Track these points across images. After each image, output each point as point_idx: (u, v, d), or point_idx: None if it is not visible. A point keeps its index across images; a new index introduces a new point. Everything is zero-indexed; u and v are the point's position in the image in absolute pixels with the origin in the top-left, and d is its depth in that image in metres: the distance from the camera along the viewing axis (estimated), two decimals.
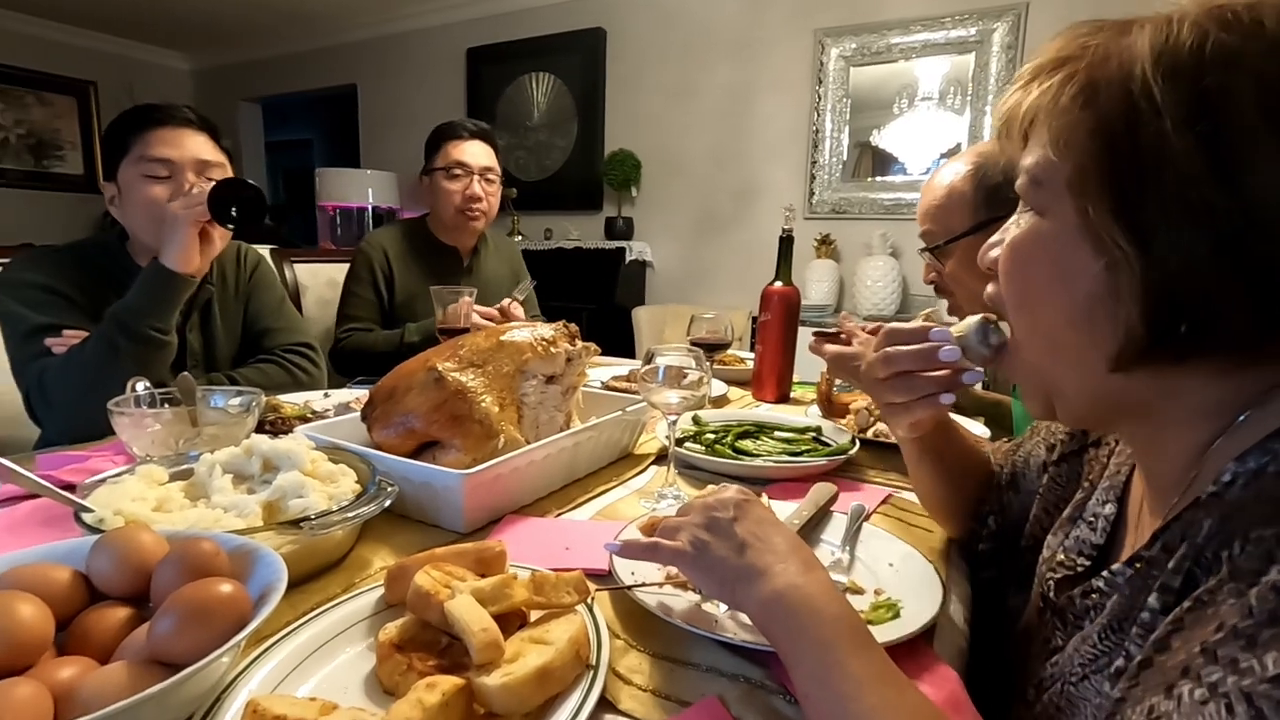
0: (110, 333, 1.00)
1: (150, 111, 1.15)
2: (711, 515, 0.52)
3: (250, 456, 0.71)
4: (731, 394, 1.45)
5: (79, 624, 0.46)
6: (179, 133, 1.15)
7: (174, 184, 1.14)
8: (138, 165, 1.13)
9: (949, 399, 0.62)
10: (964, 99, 3.01)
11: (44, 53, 4.92)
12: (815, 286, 3.19)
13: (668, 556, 0.54)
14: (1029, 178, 0.46)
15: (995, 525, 0.73)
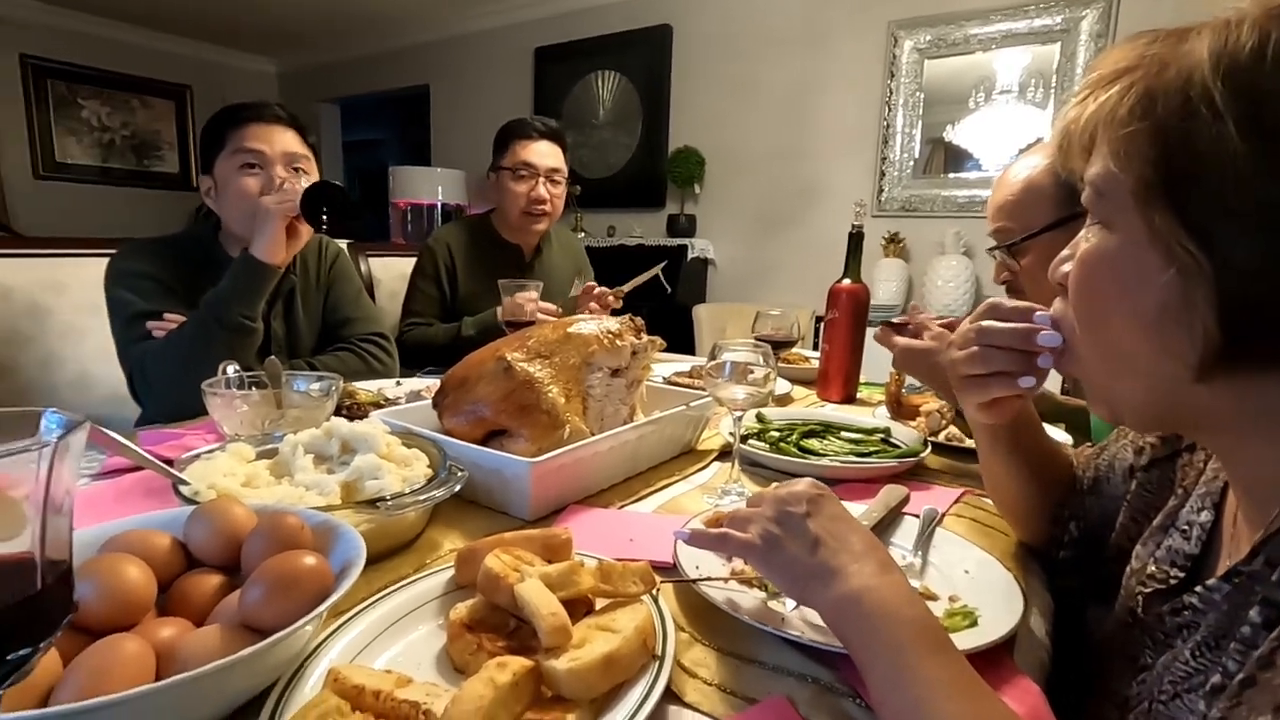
0: (204, 319, 1.06)
1: (243, 109, 1.21)
2: (784, 509, 0.51)
3: (330, 438, 0.74)
4: (795, 393, 1.42)
5: (177, 588, 0.49)
6: (270, 128, 1.21)
7: (265, 176, 1.20)
8: (232, 158, 1.20)
9: (1029, 382, 0.58)
10: (1046, 91, 2.86)
11: (146, 60, 5.27)
12: (883, 286, 3.10)
13: (737, 548, 0.53)
14: (1093, 190, 0.45)
15: (1076, 531, 0.70)
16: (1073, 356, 0.52)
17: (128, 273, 1.16)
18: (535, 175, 1.73)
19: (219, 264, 1.26)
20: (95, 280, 1.35)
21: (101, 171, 5.22)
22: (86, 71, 5.01)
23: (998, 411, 0.63)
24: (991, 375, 0.59)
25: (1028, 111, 2.93)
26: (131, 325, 1.12)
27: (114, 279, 1.16)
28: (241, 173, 1.19)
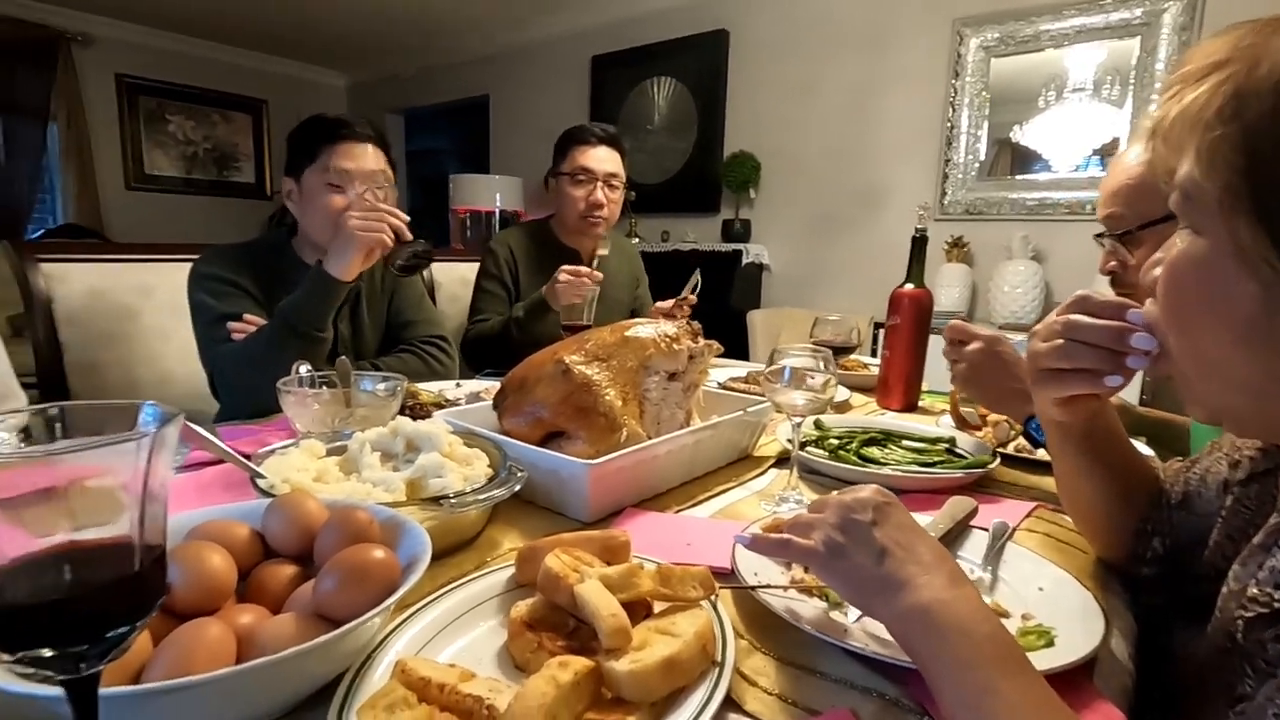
0: (278, 327, 1.11)
1: (337, 125, 1.26)
2: (848, 516, 0.50)
3: (396, 437, 0.76)
4: (854, 400, 1.39)
5: (255, 576, 0.51)
6: (359, 146, 1.26)
7: (350, 194, 1.25)
8: (322, 174, 1.24)
9: (1115, 381, 0.55)
10: (1124, 89, 2.73)
11: (227, 75, 5.57)
12: (946, 292, 3.01)
13: (799, 555, 0.52)
14: (1180, 193, 0.43)
15: (1162, 548, 0.65)
16: (1166, 359, 0.49)
17: (208, 276, 1.22)
18: (593, 180, 1.75)
19: (293, 268, 1.32)
20: (180, 284, 1.42)
21: (184, 182, 5.53)
22: (174, 88, 5.33)
23: (1074, 408, 0.60)
24: (1074, 371, 0.56)
25: (1103, 110, 2.80)
26: (212, 327, 1.18)
27: (195, 283, 1.22)
28: (328, 189, 1.24)
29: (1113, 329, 0.53)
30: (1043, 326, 0.58)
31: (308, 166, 1.25)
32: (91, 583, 0.29)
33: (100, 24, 4.85)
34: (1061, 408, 0.59)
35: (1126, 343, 0.51)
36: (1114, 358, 0.53)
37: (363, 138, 1.26)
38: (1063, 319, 0.56)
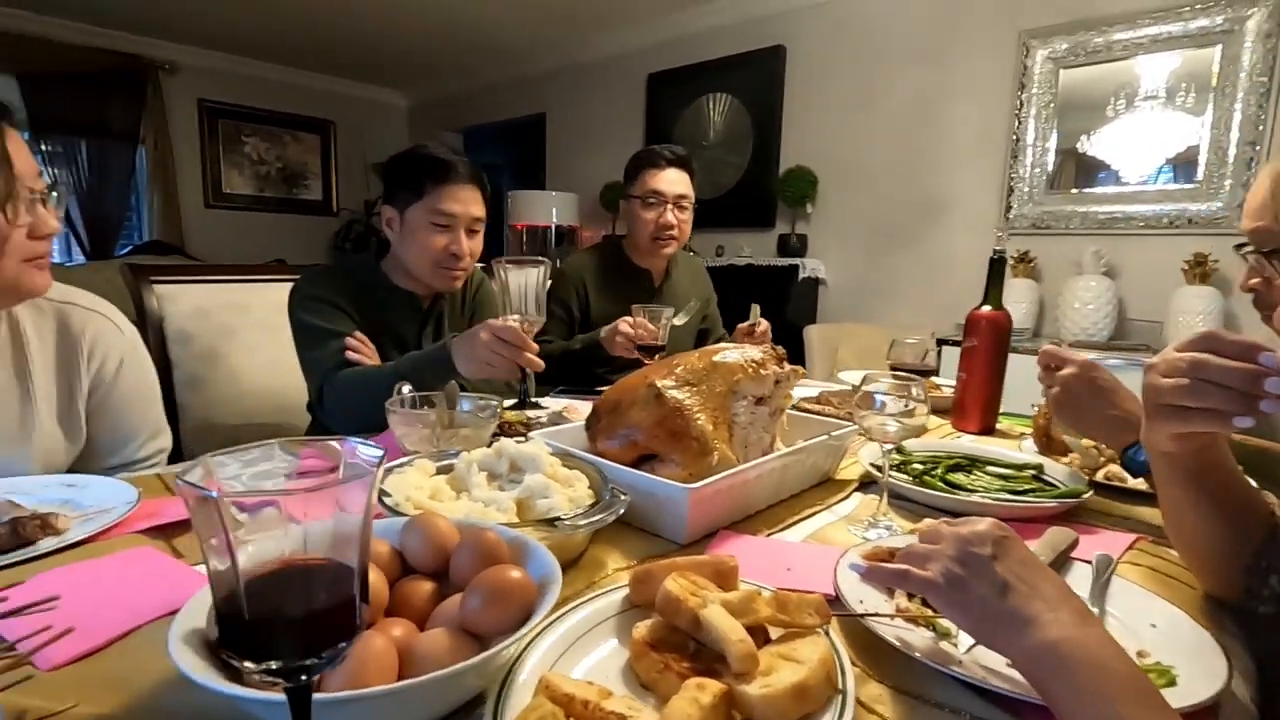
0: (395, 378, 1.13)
1: (445, 166, 1.31)
2: (967, 549, 0.51)
3: (500, 457, 0.80)
4: (929, 422, 1.38)
5: (398, 591, 0.55)
6: (463, 189, 1.32)
7: (452, 234, 1.31)
8: (428, 214, 1.30)
9: (1245, 423, 0.53)
10: (1201, 95, 2.62)
11: (297, 98, 5.85)
12: (1012, 308, 2.87)
13: (918, 585, 0.53)
14: None
15: (1279, 585, 0.64)
16: None
17: (311, 297, 1.30)
18: (663, 202, 1.79)
19: (382, 288, 1.39)
20: (272, 303, 1.52)
21: (256, 199, 5.82)
22: (249, 111, 5.63)
23: (1187, 441, 0.59)
24: (1199, 410, 0.55)
25: (1178, 118, 2.70)
26: (319, 344, 1.25)
27: (299, 304, 1.30)
28: (433, 229, 1.30)
29: (1245, 372, 0.52)
30: (1163, 361, 0.58)
31: (414, 202, 1.31)
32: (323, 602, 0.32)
33: (186, 53, 5.17)
34: (1176, 441, 0.59)
35: (1260, 386, 0.51)
36: (1245, 399, 0.52)
37: (465, 179, 1.32)
38: (1189, 357, 0.55)
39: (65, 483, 0.85)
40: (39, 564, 0.66)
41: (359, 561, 0.34)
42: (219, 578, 0.32)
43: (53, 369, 0.99)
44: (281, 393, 1.59)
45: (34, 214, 0.87)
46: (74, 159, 4.88)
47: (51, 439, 0.98)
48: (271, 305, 1.59)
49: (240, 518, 0.31)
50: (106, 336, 1.04)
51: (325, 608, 0.32)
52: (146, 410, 1.09)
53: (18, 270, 0.87)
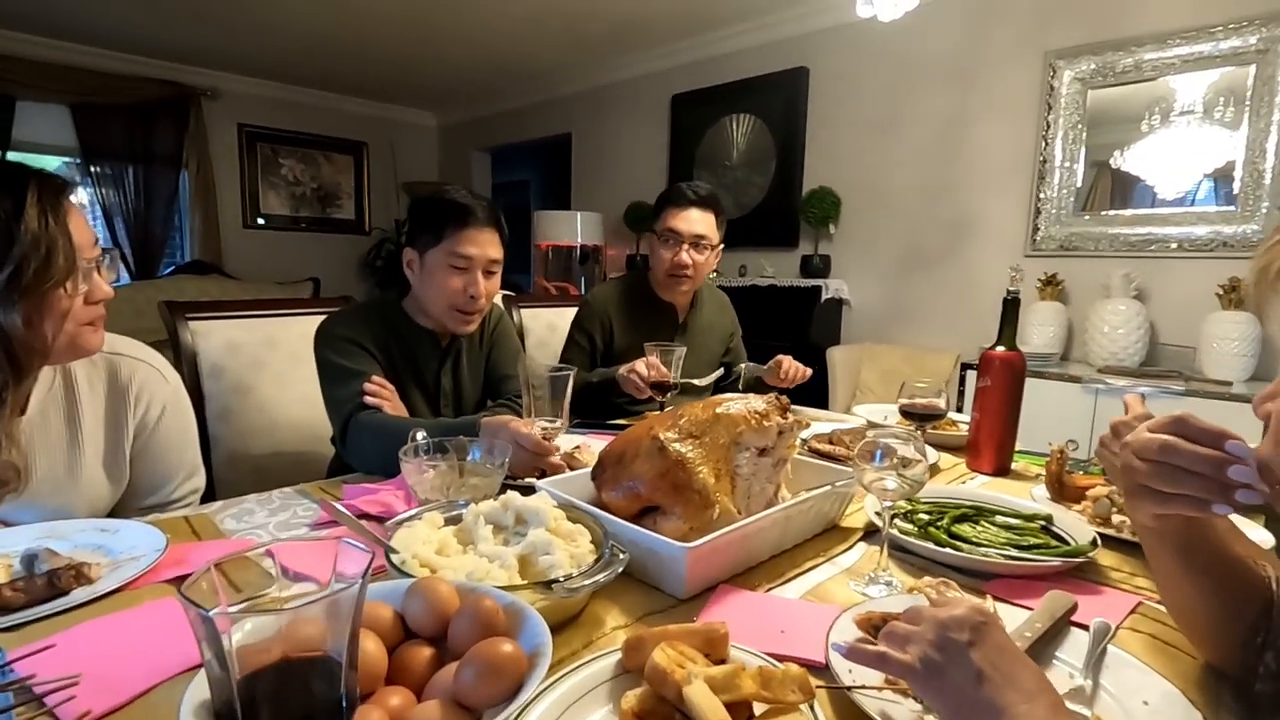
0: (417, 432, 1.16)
1: (465, 212, 1.34)
2: (944, 634, 0.52)
3: (506, 510, 0.83)
4: (943, 461, 1.37)
5: (398, 657, 0.57)
6: (482, 233, 1.35)
7: (469, 275, 1.35)
8: (447, 256, 1.34)
9: (1224, 510, 0.53)
10: (1238, 109, 2.56)
11: (332, 120, 6.02)
12: (1038, 331, 2.90)
13: (896, 670, 0.54)
14: None
15: (1276, 665, 0.63)
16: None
17: (336, 337, 1.35)
18: (680, 241, 1.81)
19: (403, 328, 1.43)
20: (300, 335, 1.57)
21: (292, 220, 6.00)
22: (286, 134, 5.82)
23: (1169, 518, 0.59)
24: (1174, 494, 0.56)
25: (1215, 133, 2.64)
26: (343, 383, 1.30)
27: (324, 343, 1.35)
28: (451, 271, 1.34)
29: (1213, 459, 0.52)
30: (1137, 441, 0.57)
31: (434, 245, 1.35)
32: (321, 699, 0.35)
33: (227, 79, 5.36)
34: (1158, 519, 0.59)
35: (1222, 474, 0.51)
36: (1221, 487, 0.52)
37: (484, 222, 1.36)
38: (1159, 440, 0.55)
39: (99, 527, 0.90)
40: (70, 615, 0.70)
41: (346, 659, 0.36)
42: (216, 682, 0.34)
43: (102, 416, 1.05)
44: (308, 425, 1.65)
45: (90, 281, 0.92)
46: (122, 183, 5.09)
47: (97, 483, 1.04)
48: (300, 338, 1.65)
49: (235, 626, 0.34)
50: (152, 384, 1.10)
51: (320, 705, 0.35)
52: (183, 453, 1.15)
53: (75, 333, 0.92)
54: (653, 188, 4.62)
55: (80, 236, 0.91)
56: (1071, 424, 2.49)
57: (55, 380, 1.01)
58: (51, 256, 0.85)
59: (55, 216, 0.87)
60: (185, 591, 0.34)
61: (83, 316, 0.93)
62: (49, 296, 0.87)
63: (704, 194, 1.86)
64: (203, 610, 0.32)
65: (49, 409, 0.99)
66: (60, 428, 1.00)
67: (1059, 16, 2.94)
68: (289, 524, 0.99)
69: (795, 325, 3.58)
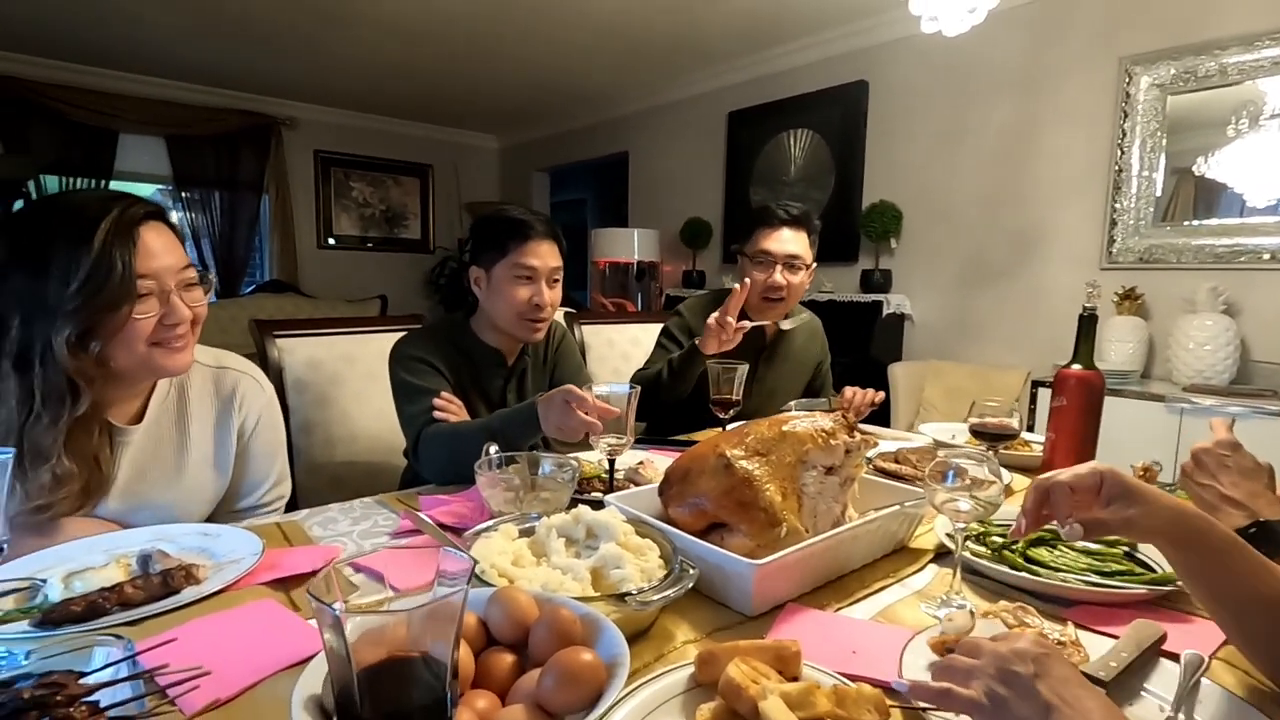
0: (484, 433, 1.22)
1: (525, 226, 1.41)
2: (1007, 668, 0.50)
3: (577, 524, 0.85)
4: (1015, 482, 1.33)
5: (483, 662, 0.60)
6: (542, 244, 1.42)
7: (534, 285, 1.41)
8: (512, 269, 1.40)
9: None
10: None
11: (399, 145, 6.29)
12: (1115, 348, 2.77)
13: (961, 705, 0.52)
14: None
15: None
16: None
17: (408, 357, 1.41)
18: (772, 263, 1.79)
19: (472, 346, 1.49)
20: (376, 352, 1.65)
21: (361, 240, 6.27)
22: (357, 159, 6.11)
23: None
24: None
25: None
26: (414, 400, 1.36)
27: (397, 363, 1.42)
28: (517, 282, 1.41)
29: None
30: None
31: (499, 260, 1.41)
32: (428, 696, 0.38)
33: (304, 109, 5.68)
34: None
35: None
36: None
37: (542, 234, 1.42)
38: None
39: (202, 532, 0.97)
40: (180, 613, 0.76)
41: (452, 659, 0.39)
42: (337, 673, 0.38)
43: (210, 423, 1.14)
44: (382, 437, 1.72)
45: (168, 304, 0.95)
46: (209, 207, 5.44)
47: (202, 484, 1.12)
48: (375, 355, 1.74)
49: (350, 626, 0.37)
50: (252, 394, 1.18)
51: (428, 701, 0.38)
52: (275, 460, 1.22)
53: (145, 353, 0.96)
54: (709, 204, 4.65)
55: (159, 261, 0.94)
56: (1154, 445, 2.36)
57: (170, 391, 1.10)
58: (123, 284, 0.89)
59: (121, 242, 0.90)
60: (312, 590, 0.37)
61: (156, 337, 0.96)
62: (105, 318, 0.90)
63: (796, 213, 1.82)
64: (330, 608, 0.35)
65: (162, 417, 1.08)
66: (172, 433, 1.09)
67: (1133, 22, 2.83)
68: (370, 532, 1.04)
69: (856, 341, 3.52)
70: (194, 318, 1.01)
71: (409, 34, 4.01)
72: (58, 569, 0.81)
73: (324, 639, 0.37)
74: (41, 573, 0.81)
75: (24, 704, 0.42)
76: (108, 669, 0.54)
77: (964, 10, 1.96)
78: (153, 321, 0.95)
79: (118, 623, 0.72)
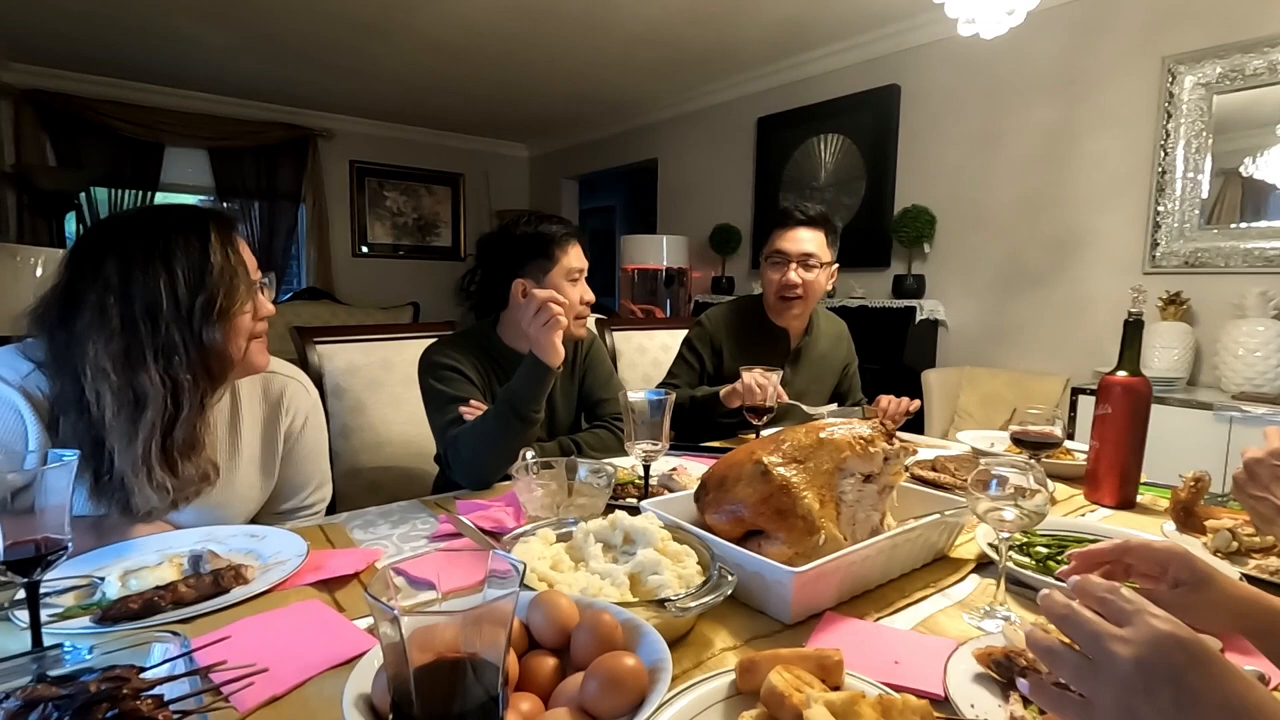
0: (503, 411, 1.27)
1: (566, 234, 1.47)
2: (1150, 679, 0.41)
3: (614, 529, 0.86)
4: (1058, 492, 1.30)
5: (525, 665, 0.61)
6: (579, 246, 1.49)
7: (581, 285, 1.48)
8: (565, 275, 1.47)
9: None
10: None
11: (431, 154, 6.41)
12: (1160, 354, 2.69)
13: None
14: None
15: None
16: None
17: (438, 365, 1.44)
18: (787, 261, 1.80)
19: (499, 352, 1.52)
20: (411, 360, 1.67)
21: (394, 248, 6.39)
22: (390, 169, 6.23)
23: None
24: None
25: None
26: (444, 410, 1.38)
27: (427, 370, 1.45)
28: (568, 284, 1.47)
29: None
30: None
31: (551, 269, 1.46)
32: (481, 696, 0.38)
33: (340, 121, 5.82)
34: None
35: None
36: None
37: (577, 237, 1.49)
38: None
39: (249, 533, 1.00)
40: (230, 611, 0.78)
41: (504, 663, 0.39)
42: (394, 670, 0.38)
43: (259, 424, 1.18)
44: (416, 441, 1.75)
45: (256, 300, 1.04)
46: (249, 217, 5.59)
47: (250, 484, 1.15)
48: (411, 361, 1.75)
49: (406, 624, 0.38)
50: (299, 397, 1.23)
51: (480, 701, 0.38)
52: (318, 462, 1.26)
53: (245, 349, 1.04)
54: (738, 210, 4.64)
55: (250, 262, 1.04)
56: (1201, 454, 2.29)
57: (224, 395, 1.14)
58: (235, 282, 0.98)
59: (233, 248, 1.00)
60: (370, 590, 0.38)
61: (255, 331, 1.05)
62: (236, 317, 1.00)
63: (812, 213, 1.83)
64: (388, 607, 0.36)
65: (215, 418, 1.11)
66: (224, 434, 1.12)
67: (1177, 20, 2.77)
68: (409, 535, 1.05)
69: (888, 347, 3.48)
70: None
71: (444, 47, 4.09)
72: (115, 568, 0.84)
73: (381, 637, 0.38)
74: (99, 571, 0.84)
75: (94, 697, 0.44)
76: (165, 664, 0.56)
77: (1002, 12, 1.93)
78: (250, 316, 1.03)
79: (172, 620, 0.74)
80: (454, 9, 3.55)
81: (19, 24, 3.83)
